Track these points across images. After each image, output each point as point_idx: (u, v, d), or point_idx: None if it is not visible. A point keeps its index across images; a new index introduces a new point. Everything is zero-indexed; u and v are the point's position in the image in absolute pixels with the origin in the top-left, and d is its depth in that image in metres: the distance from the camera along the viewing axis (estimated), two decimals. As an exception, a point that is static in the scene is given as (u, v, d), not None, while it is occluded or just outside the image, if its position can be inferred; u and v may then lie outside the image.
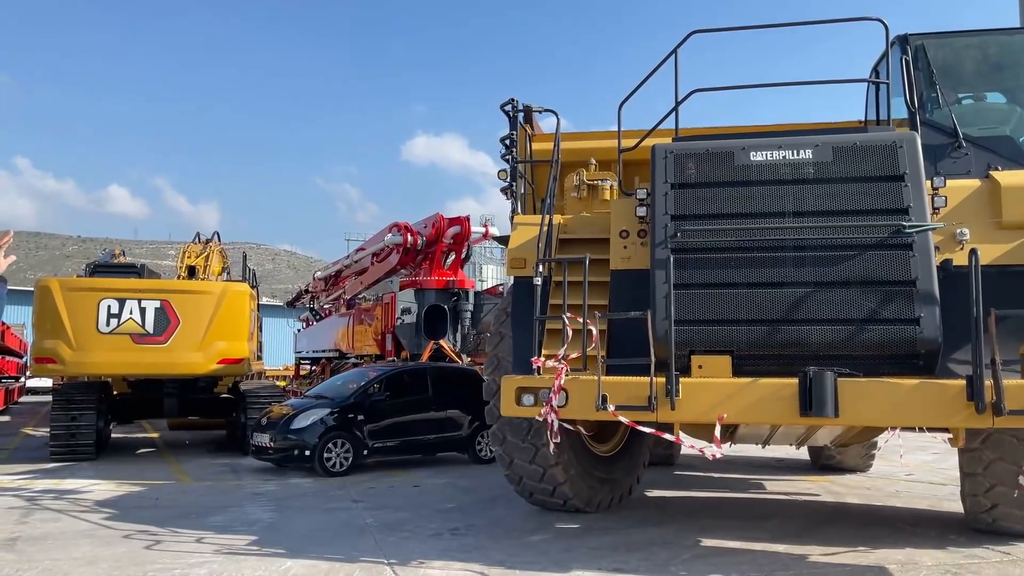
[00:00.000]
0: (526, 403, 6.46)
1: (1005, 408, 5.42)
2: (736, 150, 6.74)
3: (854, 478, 11.40)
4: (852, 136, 6.79)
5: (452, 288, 15.92)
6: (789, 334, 6.20)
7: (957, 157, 7.41)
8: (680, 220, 6.61)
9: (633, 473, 9.07)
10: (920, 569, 6.36)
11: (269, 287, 75.42)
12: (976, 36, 8.12)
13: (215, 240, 19.37)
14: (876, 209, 6.35)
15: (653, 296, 6.43)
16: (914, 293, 6.06)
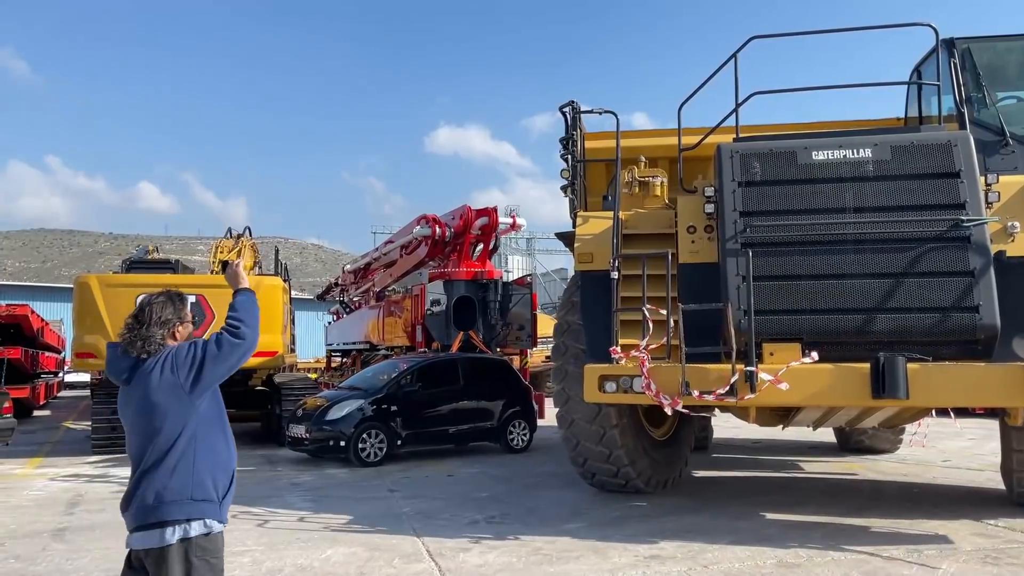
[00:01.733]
0: (608, 390, 6.90)
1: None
2: (799, 149, 7.16)
3: (890, 463, 11.33)
4: (909, 135, 7.21)
5: (481, 279, 15.97)
6: (854, 322, 6.63)
7: (1005, 154, 7.73)
8: (748, 216, 7.03)
9: (684, 456, 9.46)
10: (961, 549, 6.33)
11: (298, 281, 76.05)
12: (1018, 40, 8.43)
13: (247, 235, 19.59)
14: (934, 204, 6.78)
15: (725, 288, 6.85)
16: (972, 283, 6.50)
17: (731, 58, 7.54)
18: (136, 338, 3.25)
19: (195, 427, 3.22)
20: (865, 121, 9.73)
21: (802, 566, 6.07)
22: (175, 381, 3.18)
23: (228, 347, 3.29)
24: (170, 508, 3.12)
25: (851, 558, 6.27)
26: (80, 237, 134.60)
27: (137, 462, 3.21)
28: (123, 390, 3.30)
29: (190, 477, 3.16)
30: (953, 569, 5.94)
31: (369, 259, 22.29)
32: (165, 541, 3.10)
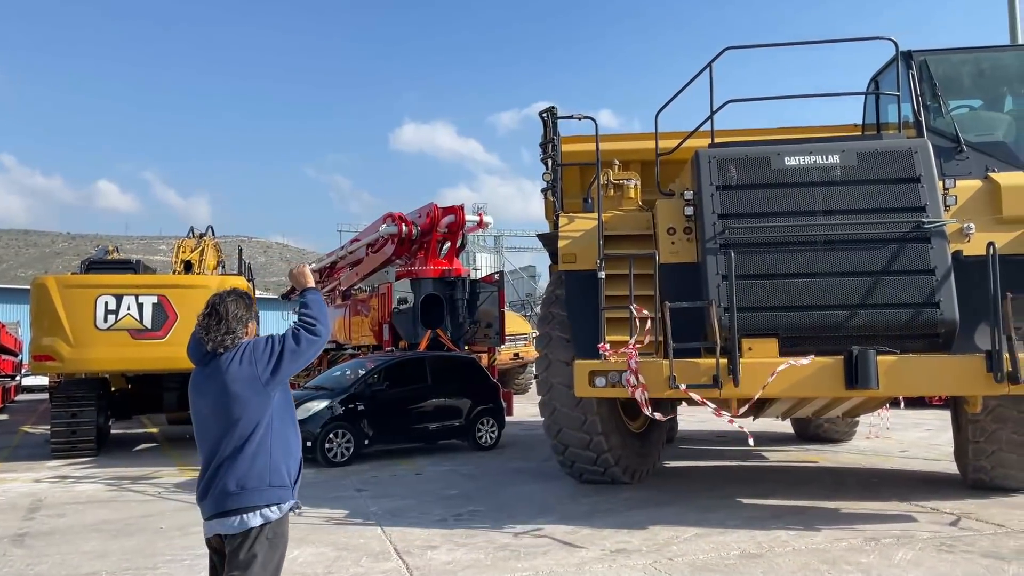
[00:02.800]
0: (599, 384, 7.23)
1: (1022, 377, 6.45)
2: (772, 155, 7.61)
3: (850, 454, 11.57)
4: (873, 143, 7.74)
5: (448, 277, 15.97)
6: (826, 318, 7.11)
7: (960, 160, 8.17)
8: (725, 218, 7.43)
9: (658, 447, 9.85)
10: (918, 537, 6.50)
11: (262, 280, 75.25)
12: (971, 52, 8.96)
13: (209, 234, 19.34)
14: (897, 207, 7.28)
15: (706, 287, 7.27)
16: (934, 280, 7.02)
17: (706, 67, 7.98)
18: (216, 334, 3.41)
19: (270, 417, 3.41)
20: (828, 127, 10.36)
21: (764, 556, 6.19)
22: (253, 373, 3.36)
23: (306, 343, 3.48)
24: (251, 495, 3.31)
25: (812, 547, 6.40)
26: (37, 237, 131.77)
27: (213, 451, 3.37)
28: (197, 380, 3.48)
29: (267, 464, 3.35)
30: (909, 556, 6.10)
31: (335, 258, 22.15)
32: (247, 525, 3.29)
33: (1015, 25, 15.34)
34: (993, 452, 8.11)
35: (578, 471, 9.07)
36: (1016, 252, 7.15)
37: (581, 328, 7.86)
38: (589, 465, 8.88)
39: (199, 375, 3.49)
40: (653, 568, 5.97)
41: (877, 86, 9.42)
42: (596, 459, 8.78)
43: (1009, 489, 8.28)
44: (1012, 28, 15.43)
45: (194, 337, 3.54)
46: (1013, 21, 15.41)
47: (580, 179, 10.46)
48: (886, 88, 9.00)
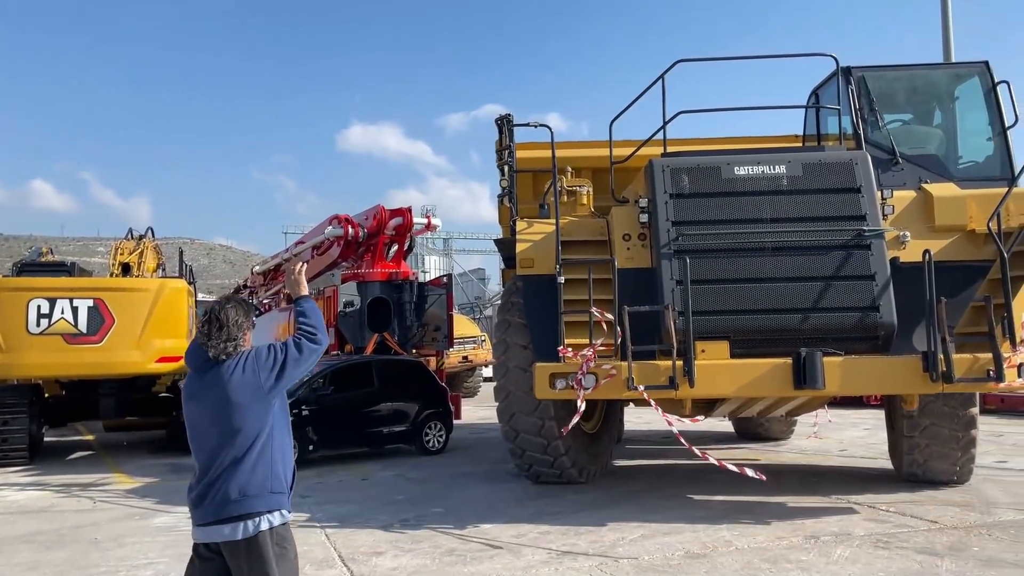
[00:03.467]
0: (559, 386, 7.37)
1: (954, 377, 6.86)
2: (722, 165, 7.93)
3: (791, 453, 11.81)
4: (817, 154, 8.15)
5: (395, 280, 15.83)
6: (774, 321, 7.44)
7: (895, 171, 8.54)
8: (679, 225, 7.73)
9: (610, 447, 10.15)
10: (855, 535, 6.66)
11: (205, 283, 73.72)
12: (905, 69, 9.39)
13: (148, 236, 18.85)
14: (839, 216, 7.64)
15: (661, 291, 7.53)
16: (873, 286, 7.40)
17: (659, 79, 8.27)
18: (218, 341, 3.42)
19: (271, 425, 3.44)
20: (772, 137, 10.76)
21: (708, 556, 6.27)
22: (256, 381, 3.40)
23: (308, 351, 3.53)
24: (253, 501, 3.33)
25: (754, 546, 6.51)
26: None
27: (212, 459, 3.37)
28: (194, 387, 3.48)
29: (269, 471, 3.39)
30: (847, 554, 6.24)
31: (279, 260, 21.80)
32: (249, 532, 3.31)
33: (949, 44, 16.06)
34: (926, 448, 8.55)
35: (535, 473, 9.24)
36: (948, 259, 7.52)
37: (539, 331, 8.00)
38: (546, 468, 9.06)
39: (196, 382, 3.50)
40: (599, 570, 6.00)
41: (818, 99, 9.78)
42: (553, 462, 8.97)
43: (940, 482, 8.68)
44: (946, 47, 16.17)
45: (194, 343, 3.56)
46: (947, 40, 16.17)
47: (533, 185, 10.63)
48: (826, 101, 9.42)
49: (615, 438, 10.44)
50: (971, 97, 9.25)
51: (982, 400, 15.95)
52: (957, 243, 7.88)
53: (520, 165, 9.61)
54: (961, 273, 7.59)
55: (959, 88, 9.43)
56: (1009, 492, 8.51)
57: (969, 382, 7.05)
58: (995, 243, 7.33)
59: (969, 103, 9.31)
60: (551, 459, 8.94)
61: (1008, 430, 14.03)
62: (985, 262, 7.73)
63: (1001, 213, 7.43)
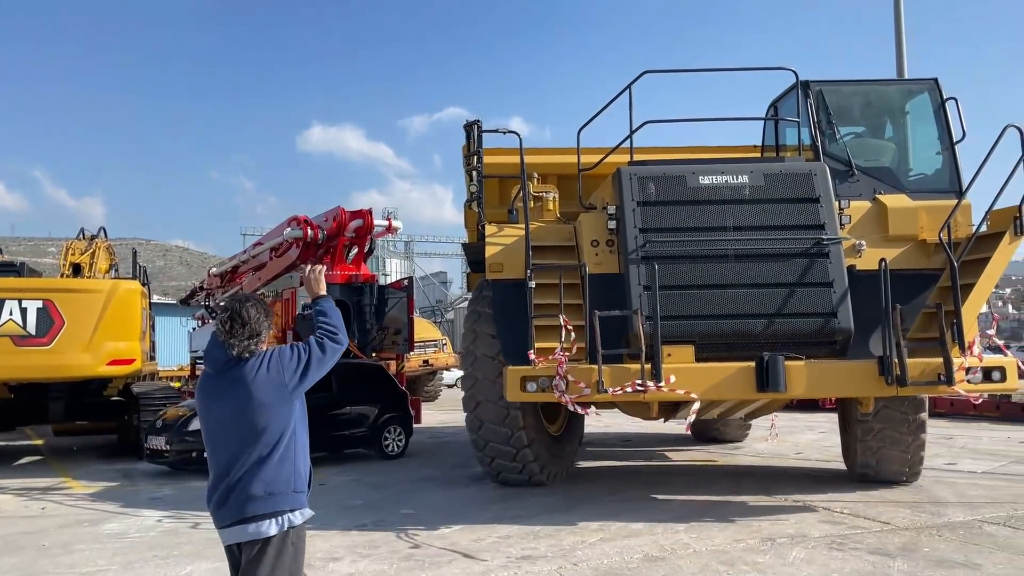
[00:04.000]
0: (530, 389, 7.50)
1: (908, 380, 7.11)
2: (687, 174, 8.12)
3: (748, 456, 11.95)
4: (778, 164, 8.42)
5: (355, 282, 15.68)
6: (737, 326, 7.65)
7: (852, 182, 8.79)
8: (646, 232, 7.89)
9: (574, 449, 10.31)
10: (810, 536, 6.75)
11: (161, 284, 72.37)
12: (861, 85, 9.69)
13: (101, 236, 18.42)
14: (799, 225, 7.90)
15: (629, 296, 7.68)
16: (832, 292, 7.67)
17: (625, 89, 8.47)
18: (241, 339, 3.41)
19: (295, 424, 3.46)
20: (732, 148, 11.10)
21: (667, 559, 6.30)
22: (280, 380, 3.40)
23: (331, 351, 3.59)
24: (278, 499, 3.35)
25: (712, 549, 6.56)
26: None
27: (234, 458, 3.34)
28: (210, 385, 3.48)
29: (293, 469, 3.42)
30: (803, 555, 6.32)
31: (237, 262, 21.45)
32: (274, 531, 3.32)
33: (902, 61, 16.60)
34: (878, 449, 8.91)
35: (504, 479, 9.34)
36: (900, 267, 7.75)
37: (509, 335, 8.10)
38: (515, 474, 9.17)
39: (215, 380, 3.47)
40: (558, 574, 5.99)
41: (776, 111, 10.08)
42: (522, 468, 9.09)
43: (891, 482, 9.04)
44: (899, 63, 16.68)
45: (212, 342, 3.51)
46: (900, 57, 16.69)
47: (499, 191, 10.75)
48: (784, 113, 9.76)
49: (579, 440, 10.59)
50: (921, 112, 9.58)
51: (932, 403, 16.47)
52: (909, 252, 8.18)
53: (487, 171, 9.65)
54: (913, 281, 7.86)
55: (910, 103, 9.74)
56: (958, 493, 8.71)
57: (921, 385, 7.32)
58: (946, 253, 7.57)
59: (919, 118, 9.63)
60: (520, 466, 9.05)
61: (957, 432, 14.39)
62: (935, 270, 8.02)
63: (951, 224, 7.71)
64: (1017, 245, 7.77)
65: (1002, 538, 6.74)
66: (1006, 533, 6.91)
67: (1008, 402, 16.25)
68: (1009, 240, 7.70)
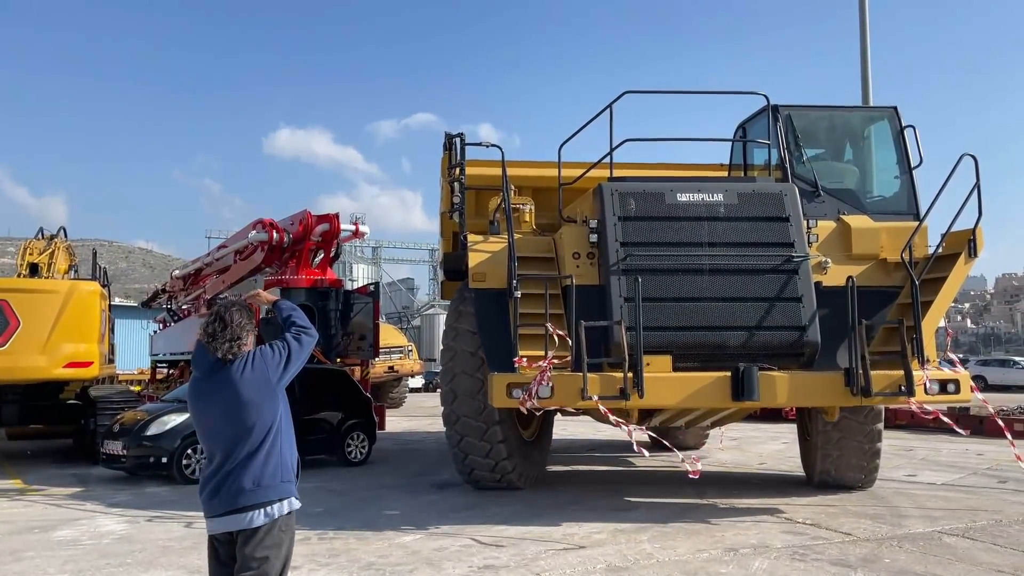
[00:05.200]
0: (516, 396, 7.66)
1: (872, 391, 7.53)
2: (666, 191, 8.44)
3: (711, 467, 11.95)
4: (750, 184, 8.76)
5: (320, 287, 15.51)
6: (711, 338, 7.96)
7: (818, 203, 9.21)
8: (627, 246, 8.18)
9: (546, 454, 10.58)
10: (772, 547, 6.76)
11: (123, 287, 71.22)
12: (826, 110, 10.17)
13: (60, 236, 18.05)
14: (770, 242, 8.23)
15: (610, 307, 7.95)
16: (800, 307, 8.03)
17: (607, 108, 8.77)
18: (223, 342, 3.59)
19: (280, 418, 3.66)
20: (700, 165, 11.68)
21: (630, 569, 6.27)
22: (265, 377, 3.60)
23: (307, 343, 3.80)
24: (266, 491, 3.54)
25: (675, 559, 6.54)
26: None
27: (227, 454, 3.54)
28: (200, 388, 3.68)
29: (280, 462, 3.61)
30: (765, 566, 6.32)
31: (200, 264, 21.13)
32: (263, 520, 3.52)
33: (867, 89, 17.45)
34: (837, 457, 9.37)
35: (477, 478, 9.51)
36: (864, 284, 8.05)
37: (492, 343, 8.24)
38: (487, 472, 9.34)
39: (203, 384, 3.66)
40: (520, 584, 5.92)
41: (744, 132, 10.46)
42: (494, 466, 9.26)
43: (849, 487, 9.51)
44: (864, 91, 17.41)
45: (199, 346, 3.69)
46: (865, 86, 17.42)
47: (475, 201, 10.96)
48: (752, 135, 10.19)
49: (549, 446, 10.75)
50: (882, 138, 10.07)
51: (893, 415, 16.73)
52: (871, 270, 8.58)
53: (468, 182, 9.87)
54: (874, 297, 8.20)
55: (871, 129, 10.23)
56: (918, 505, 8.80)
57: (885, 396, 7.72)
58: (907, 271, 8.01)
59: (880, 143, 10.12)
60: (493, 463, 9.22)
61: (917, 444, 14.59)
62: (894, 288, 8.49)
63: (911, 245, 8.12)
64: (972, 266, 8.35)
65: (961, 549, 6.81)
66: (965, 544, 6.98)
67: (966, 415, 16.53)
68: (964, 261, 8.26)
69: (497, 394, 7.77)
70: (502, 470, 9.28)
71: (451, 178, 9.63)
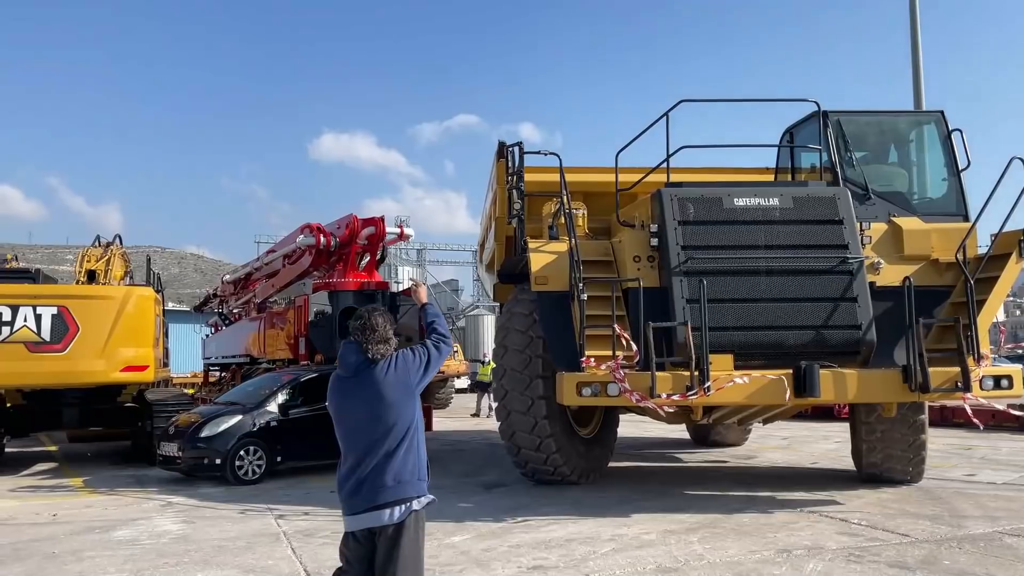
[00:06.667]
0: (585, 394, 8.04)
1: (931, 387, 7.82)
2: (723, 196, 8.77)
3: (763, 465, 11.81)
4: (804, 188, 9.10)
5: (367, 289, 15.69)
6: (770, 337, 8.30)
7: (868, 206, 9.42)
8: (687, 249, 8.50)
9: (608, 451, 10.72)
10: (827, 548, 6.63)
11: (175, 292, 72.75)
12: (874, 115, 10.49)
13: (116, 243, 18.52)
14: (825, 244, 8.54)
15: (672, 309, 8.28)
16: (856, 307, 8.32)
17: (663, 116, 9.14)
18: (376, 343, 3.84)
19: (417, 418, 3.87)
20: (747, 169, 11.92)
21: (679, 570, 6.21)
22: (406, 379, 3.84)
23: (445, 351, 4.05)
24: (405, 487, 3.74)
25: (725, 560, 6.46)
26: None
27: (367, 451, 3.74)
28: (344, 386, 3.90)
29: (417, 460, 3.82)
30: (820, 568, 6.21)
31: (250, 269, 21.54)
32: (402, 516, 3.71)
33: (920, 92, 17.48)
34: (882, 449, 9.64)
35: (530, 470, 9.87)
36: (916, 284, 8.27)
37: (558, 343, 8.61)
38: (541, 465, 9.66)
39: (348, 382, 3.87)
40: (570, 585, 5.91)
41: (792, 137, 10.77)
42: (546, 460, 9.56)
43: (896, 480, 9.72)
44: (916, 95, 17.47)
45: (345, 348, 3.92)
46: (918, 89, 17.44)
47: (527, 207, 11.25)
48: (800, 140, 10.54)
49: (612, 445, 10.93)
50: (929, 141, 10.33)
51: (951, 414, 16.33)
52: (923, 270, 8.78)
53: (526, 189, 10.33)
54: (927, 297, 8.41)
55: (919, 133, 10.50)
56: (979, 505, 8.57)
57: (942, 392, 7.97)
58: (962, 271, 8.28)
59: (927, 146, 10.38)
60: (544, 456, 9.53)
61: (976, 442, 14.20)
62: (946, 287, 8.73)
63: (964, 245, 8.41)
64: (1022, 265, 8.62)
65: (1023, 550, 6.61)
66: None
67: None
68: (1015, 260, 8.52)
69: (568, 392, 8.09)
70: (553, 463, 9.56)
71: (510, 185, 9.99)
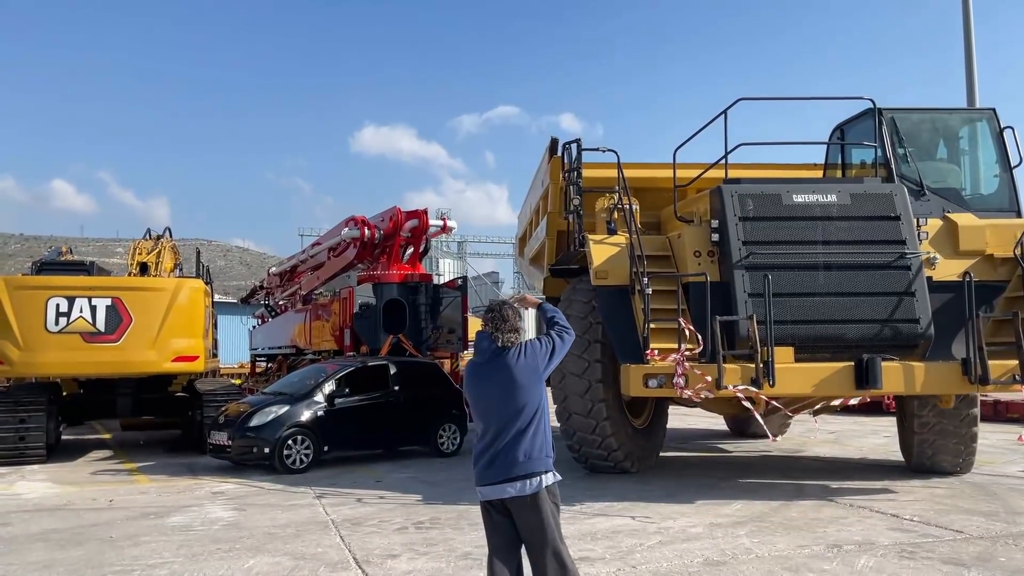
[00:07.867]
0: (651, 385, 8.25)
1: (990, 379, 8.04)
2: (782, 192, 8.97)
3: (810, 459, 11.64)
4: (860, 185, 9.19)
5: (411, 281, 15.82)
6: (830, 330, 8.48)
7: (923, 202, 9.57)
8: (748, 245, 8.71)
9: (660, 441, 10.98)
10: (879, 544, 6.52)
11: (222, 284, 73.93)
12: (927, 112, 10.57)
13: (166, 236, 18.90)
14: (883, 240, 8.72)
15: (735, 303, 8.49)
16: (914, 301, 8.50)
17: (721, 114, 9.34)
18: (508, 332, 4.19)
19: (544, 401, 4.19)
20: (796, 165, 12.05)
21: (728, 564, 6.16)
22: (535, 365, 4.17)
23: (568, 340, 4.37)
24: (535, 463, 4.07)
25: (775, 554, 6.39)
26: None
27: (500, 429, 4.08)
28: (479, 371, 4.24)
29: (544, 439, 4.14)
30: (872, 563, 6.11)
31: (295, 261, 21.85)
32: (535, 488, 4.04)
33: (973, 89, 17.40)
34: (933, 441, 9.73)
35: (592, 465, 10.07)
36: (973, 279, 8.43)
37: (619, 336, 8.83)
38: (601, 460, 9.92)
39: (483, 367, 4.21)
40: (617, 576, 5.90)
41: (843, 133, 10.93)
42: (607, 455, 9.82)
43: (946, 472, 9.82)
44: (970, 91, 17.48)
45: (480, 336, 4.28)
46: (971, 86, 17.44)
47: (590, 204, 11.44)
48: (852, 136, 10.72)
49: (662, 436, 11.06)
50: (982, 138, 10.46)
51: (1004, 409, 15.96)
52: (977, 265, 8.87)
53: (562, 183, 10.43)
54: (983, 291, 8.50)
55: (971, 130, 10.64)
56: (1035, 502, 8.34)
57: (1000, 384, 8.14)
58: (1020, 265, 8.55)
59: (980, 143, 10.51)
60: (605, 453, 9.80)
61: (1032, 439, 13.78)
62: (1001, 282, 8.84)
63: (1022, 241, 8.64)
64: None
65: (1085, 550, 6.42)
66: (1089, 545, 6.58)
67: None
68: None
69: (634, 383, 8.30)
70: (608, 447, 9.73)
71: (569, 181, 10.19)
